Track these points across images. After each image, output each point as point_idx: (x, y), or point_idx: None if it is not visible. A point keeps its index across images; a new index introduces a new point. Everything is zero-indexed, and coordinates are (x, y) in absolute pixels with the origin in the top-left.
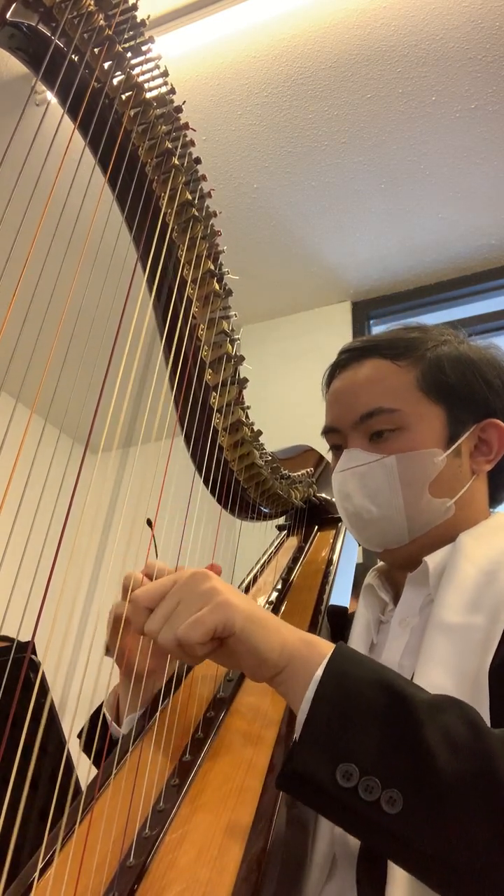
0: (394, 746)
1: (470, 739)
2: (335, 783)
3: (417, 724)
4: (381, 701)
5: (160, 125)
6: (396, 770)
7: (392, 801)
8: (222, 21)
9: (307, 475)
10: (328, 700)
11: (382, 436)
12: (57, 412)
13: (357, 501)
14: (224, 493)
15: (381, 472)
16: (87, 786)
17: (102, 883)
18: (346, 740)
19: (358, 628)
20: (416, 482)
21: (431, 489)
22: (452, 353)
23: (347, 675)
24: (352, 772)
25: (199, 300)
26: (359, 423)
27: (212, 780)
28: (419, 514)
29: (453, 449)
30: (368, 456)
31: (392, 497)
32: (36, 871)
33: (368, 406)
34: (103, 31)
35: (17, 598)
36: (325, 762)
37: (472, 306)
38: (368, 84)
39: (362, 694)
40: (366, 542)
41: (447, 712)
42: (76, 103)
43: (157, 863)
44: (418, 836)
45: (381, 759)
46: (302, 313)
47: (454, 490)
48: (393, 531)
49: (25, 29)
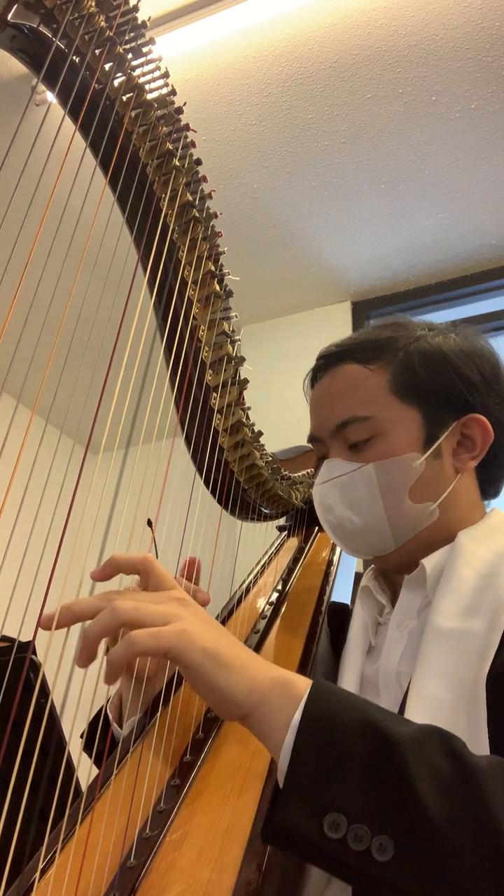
0: (381, 792)
1: (456, 776)
2: (323, 835)
3: (403, 766)
4: (366, 745)
5: (161, 126)
6: (385, 816)
7: (383, 848)
8: (222, 21)
9: (307, 476)
10: (309, 747)
11: (359, 446)
12: (58, 413)
13: (339, 513)
14: (224, 493)
15: (360, 481)
16: (87, 786)
17: (103, 883)
18: (332, 790)
19: (355, 631)
20: (396, 489)
21: (412, 495)
22: (424, 348)
23: (327, 719)
24: (339, 822)
25: (200, 301)
26: (336, 433)
27: (212, 780)
28: (402, 521)
29: (432, 451)
30: (347, 465)
31: (373, 506)
32: (37, 871)
33: (342, 416)
34: (104, 33)
35: (18, 599)
36: (312, 815)
37: (472, 306)
38: (368, 84)
39: (344, 738)
40: (353, 552)
41: (430, 747)
42: (77, 104)
43: (158, 863)
44: (411, 882)
45: (368, 806)
46: (302, 313)
47: (436, 493)
48: (378, 540)
49: (27, 30)
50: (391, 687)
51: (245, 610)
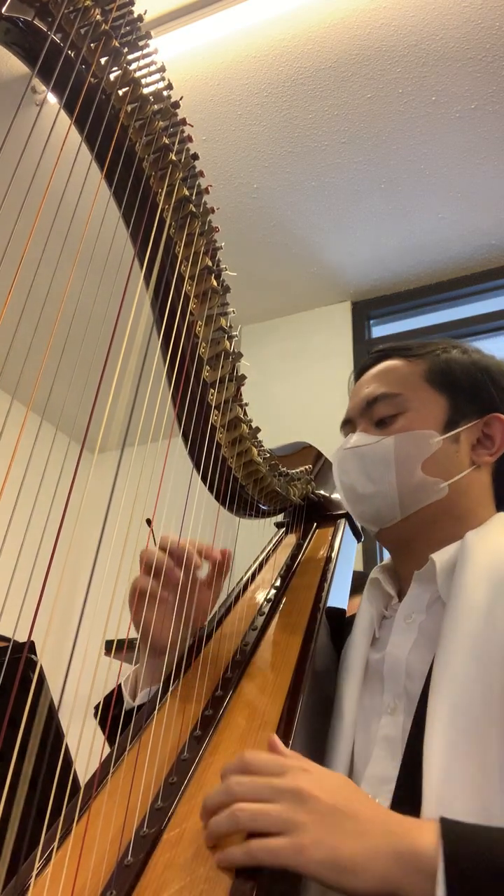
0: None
1: None
2: None
3: None
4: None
5: (157, 120)
6: None
7: None
8: (222, 21)
9: (305, 472)
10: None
11: (385, 421)
12: (54, 410)
13: (353, 476)
14: (222, 490)
15: (379, 451)
16: (85, 784)
17: (100, 881)
18: None
19: (361, 622)
20: (410, 459)
21: (424, 467)
22: (463, 357)
23: (471, 881)
24: None
25: (197, 297)
26: (366, 410)
27: (209, 778)
28: (411, 491)
29: (451, 434)
30: (370, 438)
31: (386, 473)
32: (34, 869)
33: (374, 393)
34: (100, 27)
35: (14, 597)
36: None
37: (472, 306)
38: (368, 84)
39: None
40: (359, 517)
41: None
42: (73, 99)
43: (155, 861)
44: None
45: None
46: (302, 313)
47: (449, 473)
48: (385, 507)
49: (21, 24)
50: (399, 677)
51: (243, 606)
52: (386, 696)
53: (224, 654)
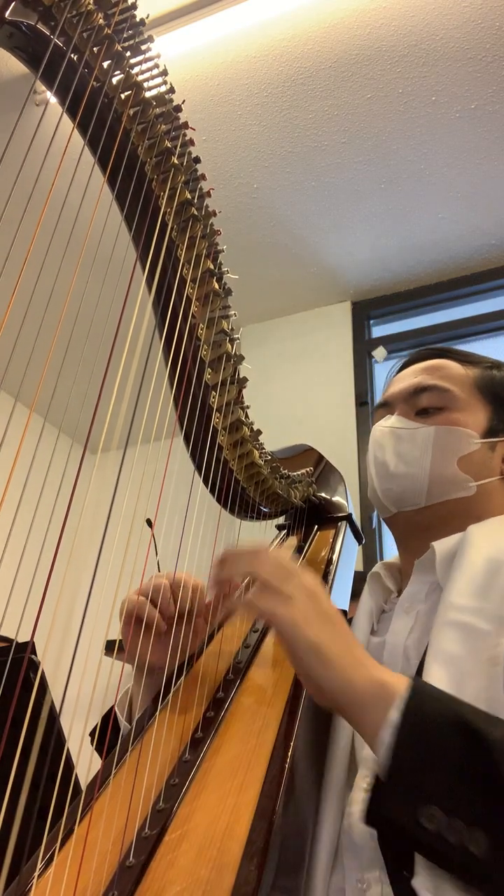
0: (473, 787)
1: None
2: (419, 826)
3: (496, 762)
4: (460, 741)
5: (159, 124)
6: (478, 811)
7: (476, 840)
8: (222, 21)
9: (307, 475)
10: (407, 745)
11: (429, 412)
12: (56, 411)
13: (388, 452)
14: (224, 492)
15: (418, 438)
16: (86, 785)
17: (102, 882)
18: (428, 785)
19: (361, 615)
20: (448, 451)
21: (460, 463)
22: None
23: (425, 718)
24: (435, 814)
25: (199, 299)
26: (410, 397)
27: (211, 780)
28: (442, 480)
29: (490, 441)
30: (410, 423)
31: (421, 457)
32: (36, 870)
33: (425, 382)
34: (102, 30)
35: (16, 598)
36: (409, 807)
37: (472, 306)
38: (368, 84)
39: (441, 736)
40: (384, 494)
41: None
42: (75, 102)
43: (157, 862)
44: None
45: (462, 801)
46: (302, 313)
47: (480, 475)
48: (412, 489)
49: (24, 28)
50: (398, 661)
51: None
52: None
53: (225, 657)
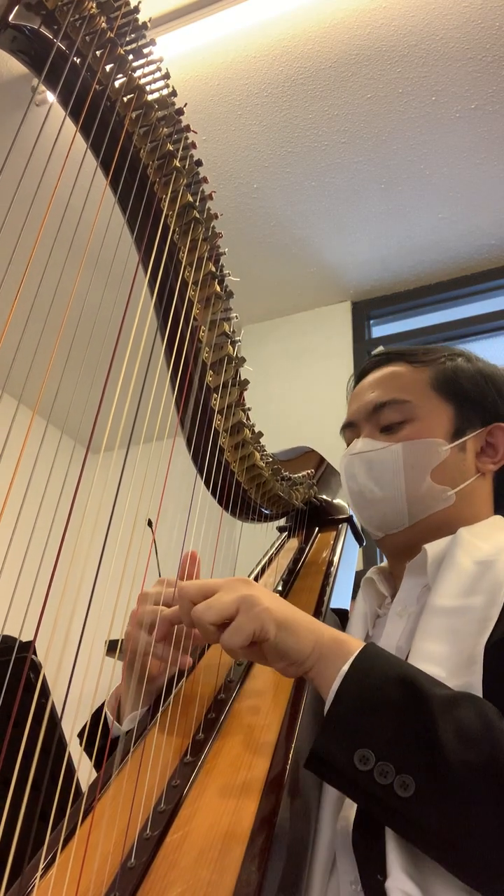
0: (408, 736)
1: (481, 732)
2: (352, 766)
3: (431, 716)
4: (399, 694)
5: (162, 127)
6: (409, 757)
7: (405, 785)
8: (222, 21)
9: (308, 477)
10: (351, 692)
11: (392, 428)
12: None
13: (361, 481)
14: (225, 494)
15: (387, 458)
16: (88, 787)
17: (104, 884)
18: (365, 728)
19: (355, 620)
20: (419, 467)
21: (433, 475)
22: (468, 366)
23: (371, 670)
24: (368, 757)
25: (201, 302)
26: (371, 415)
27: (213, 781)
28: (420, 498)
29: (458, 443)
30: (377, 444)
31: (395, 479)
32: (37, 871)
33: (382, 398)
34: (105, 34)
35: (19, 599)
36: (344, 747)
37: (472, 306)
38: (368, 84)
39: (383, 687)
40: (367, 522)
41: (462, 707)
42: (78, 106)
43: (158, 864)
44: (428, 820)
45: (395, 746)
46: (302, 313)
47: (455, 481)
48: (393, 513)
49: (28, 31)
50: None
51: None
52: None
53: (226, 659)
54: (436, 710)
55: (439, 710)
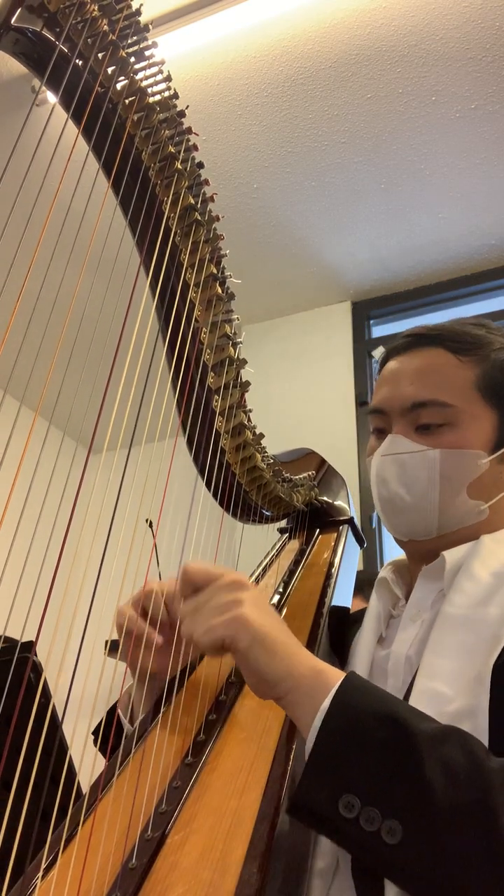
0: (394, 778)
1: (469, 770)
2: (337, 813)
3: (418, 756)
4: (384, 734)
5: (163, 130)
6: (396, 801)
7: (392, 831)
8: (222, 21)
9: (309, 478)
10: (333, 732)
11: (430, 429)
12: (61, 415)
13: (393, 488)
14: (226, 495)
15: (422, 464)
16: (89, 787)
17: (105, 884)
18: (349, 773)
19: (369, 621)
20: (456, 480)
21: (469, 490)
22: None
23: (353, 708)
24: (353, 803)
25: (202, 304)
26: (408, 411)
27: (214, 782)
28: (452, 512)
29: (498, 455)
30: (413, 445)
31: (429, 490)
32: (39, 872)
33: (422, 396)
34: (107, 36)
35: (20, 600)
36: (328, 793)
37: (472, 306)
38: (368, 84)
39: (367, 726)
40: (393, 528)
41: (448, 743)
42: (80, 108)
43: (160, 864)
44: (417, 865)
45: (381, 790)
46: (302, 313)
47: (491, 495)
48: (422, 523)
49: (30, 34)
50: (400, 671)
51: None
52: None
53: (227, 660)
54: (423, 749)
55: (426, 748)
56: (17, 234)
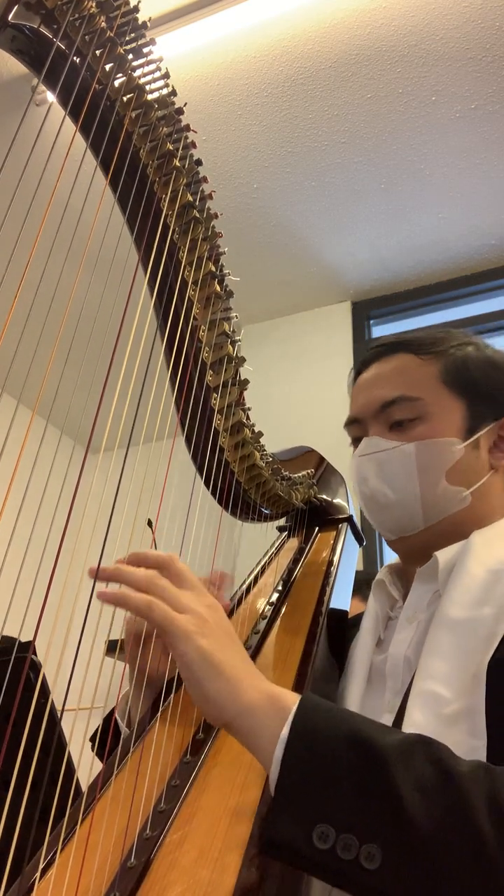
0: (366, 801)
1: (438, 781)
2: (312, 846)
3: (387, 774)
4: (351, 756)
5: (161, 127)
6: (371, 824)
7: (371, 856)
8: (222, 21)
9: (308, 476)
10: (297, 761)
11: (402, 425)
12: (58, 414)
13: (373, 485)
14: (225, 494)
15: (399, 459)
16: (88, 787)
17: (103, 883)
18: (319, 801)
19: (367, 623)
20: (433, 469)
21: (448, 477)
22: (478, 354)
23: (315, 732)
24: (327, 832)
25: (200, 302)
26: (380, 412)
27: (213, 781)
28: (435, 501)
29: (472, 441)
30: (387, 443)
31: (408, 482)
32: (37, 871)
33: (391, 394)
34: (105, 34)
35: (18, 599)
36: (301, 826)
37: (472, 306)
38: (368, 84)
39: (331, 751)
40: (380, 526)
41: (416, 756)
42: (78, 105)
43: (158, 863)
44: (400, 887)
45: (354, 816)
46: (302, 313)
47: (471, 481)
48: (408, 517)
49: (27, 31)
50: (398, 673)
51: (245, 610)
52: (387, 695)
53: None
54: (391, 766)
55: (395, 766)
56: (15, 232)
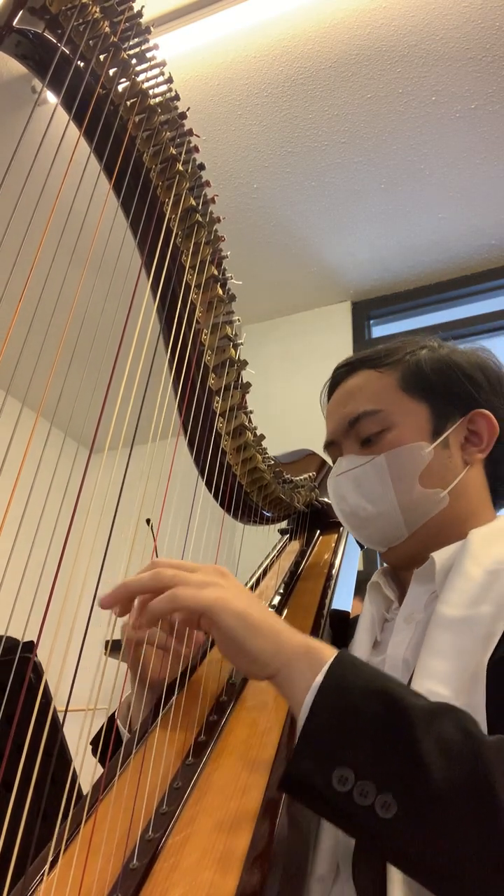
0: (388, 753)
1: (463, 746)
2: (331, 787)
3: (412, 732)
4: (378, 709)
5: (164, 131)
6: (390, 775)
7: (386, 805)
8: (222, 21)
9: (309, 479)
10: (326, 707)
11: (371, 440)
12: (62, 416)
13: (352, 501)
14: (227, 496)
15: (373, 472)
16: (90, 788)
17: (106, 885)
18: (343, 746)
19: (363, 625)
20: (406, 475)
21: (422, 480)
22: (432, 356)
23: (347, 683)
24: (347, 776)
25: (203, 305)
26: (349, 430)
27: (215, 782)
28: (413, 506)
29: (440, 441)
30: (360, 459)
31: (385, 493)
32: (39, 873)
33: (354, 411)
34: (108, 38)
35: (21, 600)
36: (322, 767)
37: (472, 306)
38: (368, 84)
39: (360, 702)
40: (366, 540)
41: (443, 719)
42: (81, 109)
43: (161, 865)
44: (410, 841)
45: (375, 764)
46: (302, 313)
47: (446, 481)
48: (390, 527)
49: (31, 36)
50: (397, 674)
51: None
52: None
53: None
54: (417, 723)
55: (420, 723)
56: (18, 236)
